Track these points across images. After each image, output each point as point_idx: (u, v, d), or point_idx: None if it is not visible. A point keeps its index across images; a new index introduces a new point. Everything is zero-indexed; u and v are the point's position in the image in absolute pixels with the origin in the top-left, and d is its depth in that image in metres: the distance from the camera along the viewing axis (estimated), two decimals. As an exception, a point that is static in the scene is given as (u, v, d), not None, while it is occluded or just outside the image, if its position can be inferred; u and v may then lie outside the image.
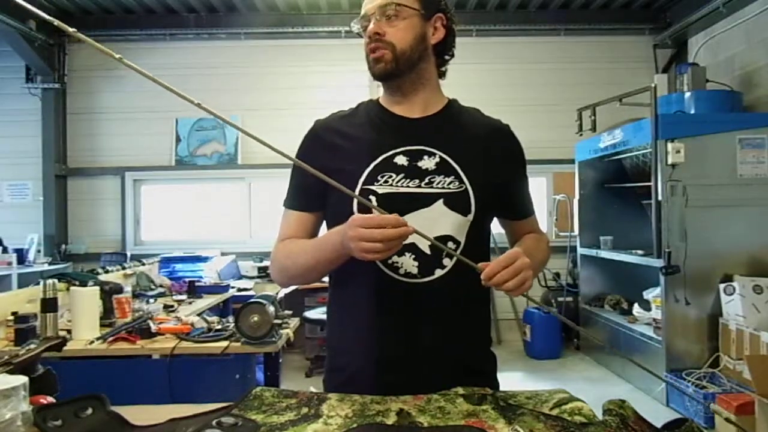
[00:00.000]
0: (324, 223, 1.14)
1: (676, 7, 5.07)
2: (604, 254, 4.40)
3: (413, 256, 1.03)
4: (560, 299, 4.90)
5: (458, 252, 1.03)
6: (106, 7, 5.13)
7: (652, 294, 3.81)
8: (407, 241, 1.00)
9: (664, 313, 3.55)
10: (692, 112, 3.96)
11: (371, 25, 1.06)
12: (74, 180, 5.34)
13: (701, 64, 4.36)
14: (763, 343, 3.03)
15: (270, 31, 5.27)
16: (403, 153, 1.06)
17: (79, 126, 5.35)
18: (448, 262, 1.03)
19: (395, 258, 1.02)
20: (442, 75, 1.15)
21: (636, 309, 4.09)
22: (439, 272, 1.03)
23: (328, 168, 0.99)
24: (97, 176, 5.34)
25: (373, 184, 1.04)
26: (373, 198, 1.03)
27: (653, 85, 3.65)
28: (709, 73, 4.22)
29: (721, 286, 3.41)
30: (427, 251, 1.03)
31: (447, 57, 1.14)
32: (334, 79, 5.29)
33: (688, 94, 4.04)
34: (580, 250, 4.75)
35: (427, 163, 1.05)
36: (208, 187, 5.40)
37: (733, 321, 3.30)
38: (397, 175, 1.04)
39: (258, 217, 5.40)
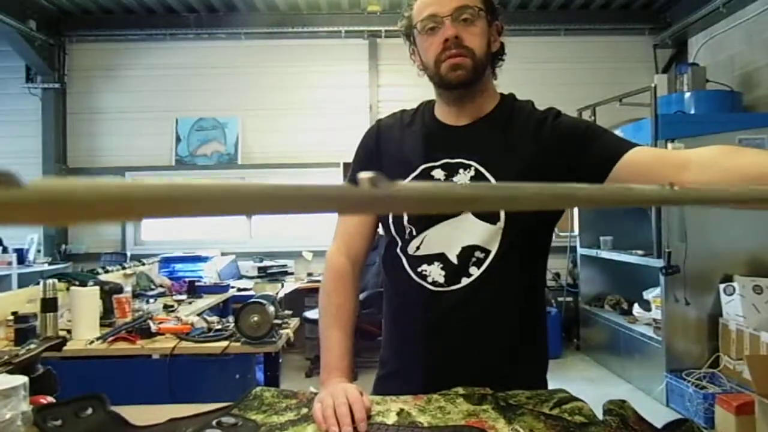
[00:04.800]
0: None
1: (675, 7, 5.07)
2: (604, 254, 4.39)
3: (441, 265, 1.03)
4: (560, 299, 4.90)
5: (488, 261, 1.02)
6: (106, 7, 5.13)
7: (652, 294, 3.81)
8: (437, 251, 1.04)
9: (664, 314, 3.55)
10: (692, 112, 3.96)
11: (448, 29, 1.00)
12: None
13: (701, 64, 4.36)
14: (763, 343, 3.03)
15: (270, 31, 5.27)
16: (442, 167, 1.06)
17: (79, 126, 5.35)
18: (475, 271, 1.02)
19: (424, 267, 1.04)
20: (494, 76, 1.11)
21: (636, 309, 4.09)
22: (465, 281, 1.02)
23: None
24: (97, 176, 5.33)
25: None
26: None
27: (653, 85, 3.65)
28: (709, 74, 4.22)
29: (721, 286, 3.41)
30: (455, 261, 1.03)
31: (500, 62, 1.10)
32: (334, 79, 5.29)
33: (688, 95, 4.04)
34: (580, 250, 4.75)
35: (462, 177, 1.04)
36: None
37: (733, 321, 3.30)
38: None
39: (258, 217, 5.38)
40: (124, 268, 3.37)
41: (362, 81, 5.29)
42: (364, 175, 0.26)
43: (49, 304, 2.05)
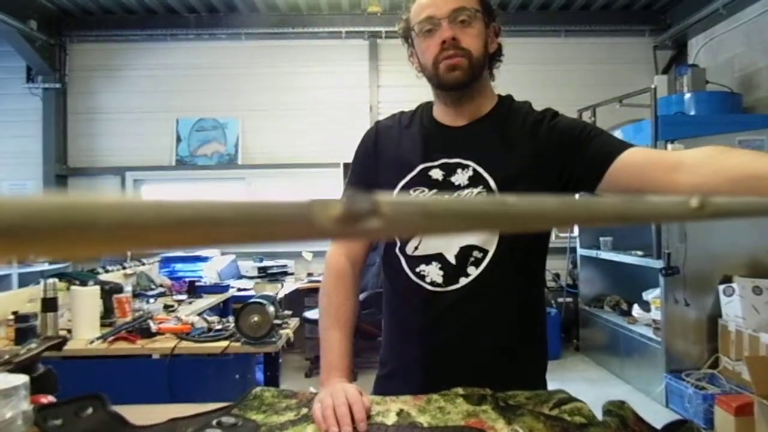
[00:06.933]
0: None
1: (676, 8, 5.07)
2: (604, 255, 4.40)
3: (439, 266, 1.04)
4: (560, 300, 4.90)
5: (486, 261, 1.02)
6: (106, 7, 5.13)
7: (651, 295, 3.81)
8: (435, 251, 1.04)
9: (664, 314, 3.55)
10: (692, 113, 3.96)
11: (445, 30, 1.01)
12: (74, 180, 5.34)
13: (701, 66, 4.36)
14: (763, 344, 3.03)
15: (270, 31, 5.27)
16: (440, 167, 1.06)
17: (80, 126, 5.35)
18: (473, 271, 1.03)
19: (423, 267, 1.05)
20: (492, 77, 1.12)
21: (635, 310, 4.09)
22: (463, 281, 1.03)
23: (370, 178, 1.11)
24: (97, 176, 5.34)
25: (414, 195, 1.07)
26: None
27: (653, 87, 3.66)
28: (709, 75, 4.23)
29: (721, 287, 3.41)
30: (453, 261, 1.03)
31: (497, 63, 1.11)
32: (335, 80, 5.29)
33: (688, 96, 4.04)
34: (580, 251, 4.75)
35: (460, 177, 1.04)
36: (209, 187, 5.40)
37: (732, 322, 3.30)
38: (430, 189, 1.06)
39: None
40: (124, 267, 3.37)
41: (362, 81, 5.29)
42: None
43: (50, 304, 2.05)
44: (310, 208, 0.19)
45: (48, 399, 0.94)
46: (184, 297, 3.20)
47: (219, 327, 2.17)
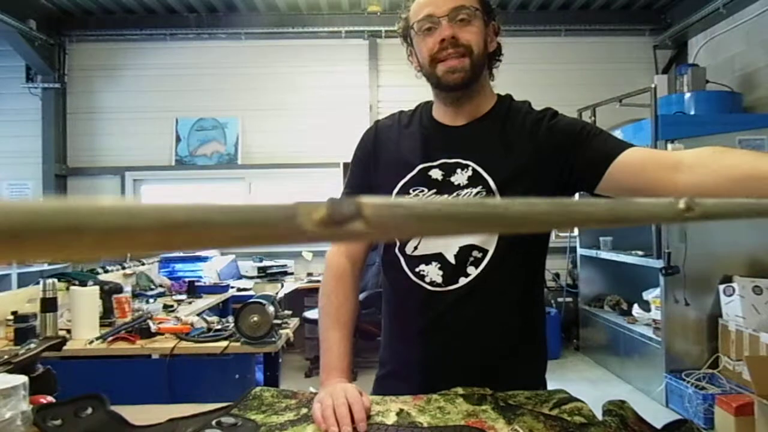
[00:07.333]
0: None
1: (676, 8, 5.07)
2: (604, 255, 4.39)
3: (438, 265, 1.04)
4: (560, 300, 4.90)
5: (486, 260, 1.02)
6: (106, 7, 5.13)
7: (651, 295, 3.81)
8: (434, 251, 1.04)
9: (664, 314, 3.55)
10: (692, 113, 3.96)
11: (445, 29, 1.00)
12: (74, 180, 5.34)
13: (701, 65, 4.36)
14: (763, 343, 3.03)
15: (270, 31, 5.27)
16: (439, 167, 1.06)
17: (79, 126, 5.35)
18: (472, 271, 1.02)
19: (422, 266, 1.05)
20: (492, 77, 1.12)
21: (635, 310, 4.09)
22: (463, 281, 1.02)
23: (369, 177, 1.12)
24: (97, 176, 5.34)
25: (404, 197, 1.06)
26: None
27: (653, 86, 3.65)
28: (709, 74, 4.23)
29: (721, 286, 3.41)
30: (453, 261, 1.03)
31: (497, 62, 1.11)
32: (334, 79, 5.29)
33: (688, 95, 4.04)
34: (580, 251, 4.75)
35: (459, 177, 1.04)
36: (208, 187, 5.40)
37: (732, 322, 3.30)
38: (429, 189, 1.05)
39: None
40: (123, 267, 3.37)
41: (362, 81, 5.29)
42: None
43: (49, 304, 2.05)
44: (295, 211, 0.19)
45: (47, 399, 0.94)
46: (183, 297, 3.20)
47: (218, 327, 2.17)
